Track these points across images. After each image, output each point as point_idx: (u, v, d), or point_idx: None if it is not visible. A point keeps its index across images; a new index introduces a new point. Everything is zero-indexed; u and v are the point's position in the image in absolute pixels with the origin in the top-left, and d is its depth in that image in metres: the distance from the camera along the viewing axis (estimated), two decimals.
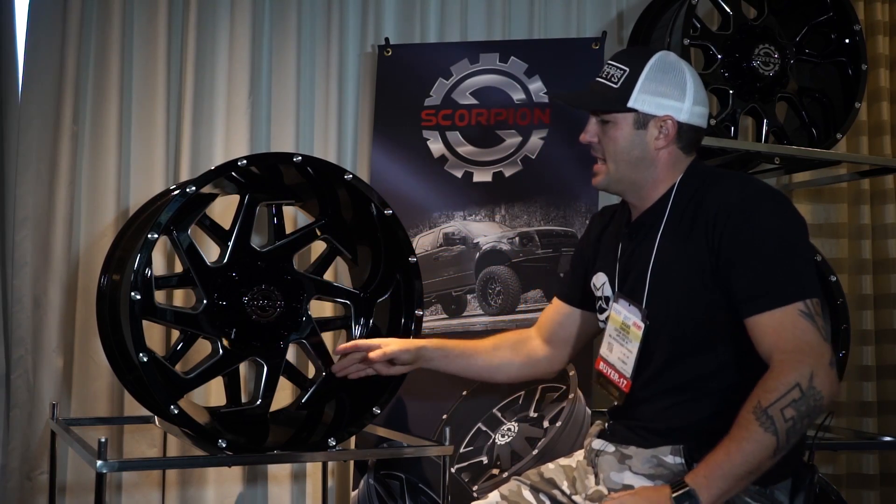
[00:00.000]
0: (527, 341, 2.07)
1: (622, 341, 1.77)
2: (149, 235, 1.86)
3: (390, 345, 2.00)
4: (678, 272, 1.70)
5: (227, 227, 2.05)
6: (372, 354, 1.98)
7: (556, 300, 2.06)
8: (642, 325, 1.72)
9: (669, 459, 1.67)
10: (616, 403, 1.80)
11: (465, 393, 2.58)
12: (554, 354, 2.06)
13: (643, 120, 1.76)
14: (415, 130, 2.73)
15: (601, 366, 1.83)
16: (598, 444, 1.81)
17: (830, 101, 2.78)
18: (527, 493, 1.83)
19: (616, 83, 1.76)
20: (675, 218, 1.74)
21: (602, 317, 1.89)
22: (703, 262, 1.67)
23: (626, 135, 1.77)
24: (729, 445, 1.54)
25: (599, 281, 1.88)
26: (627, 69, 1.76)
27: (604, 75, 1.79)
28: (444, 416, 2.56)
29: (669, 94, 1.75)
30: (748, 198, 1.67)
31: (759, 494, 1.65)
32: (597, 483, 1.78)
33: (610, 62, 1.80)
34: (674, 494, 1.53)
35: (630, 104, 1.75)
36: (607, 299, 1.85)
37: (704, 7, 2.79)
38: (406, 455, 2.35)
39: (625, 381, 1.76)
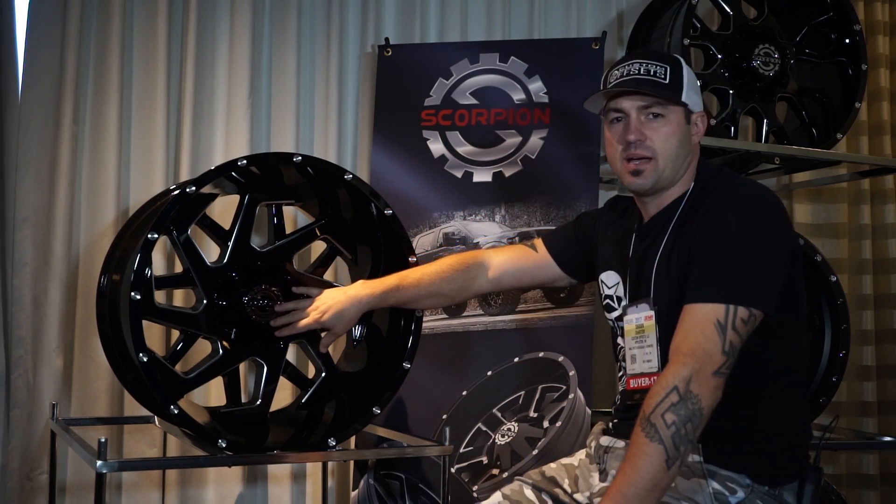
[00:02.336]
0: (475, 278, 2.06)
1: (641, 344, 1.76)
2: (149, 235, 1.86)
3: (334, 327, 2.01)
4: (675, 267, 1.71)
5: (227, 227, 2.05)
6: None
7: (542, 250, 2.06)
8: (652, 313, 1.73)
9: (688, 457, 1.65)
10: (628, 402, 1.78)
11: (464, 393, 2.58)
12: (485, 289, 2.09)
13: (688, 115, 1.77)
14: (415, 130, 2.73)
15: (632, 383, 1.78)
16: (605, 440, 1.81)
17: (830, 101, 2.78)
18: (529, 493, 1.83)
19: (664, 79, 1.74)
20: (682, 219, 1.75)
21: (611, 315, 1.89)
22: (686, 257, 1.69)
23: (679, 130, 1.76)
24: (625, 466, 1.53)
25: (611, 280, 1.88)
26: (667, 66, 1.75)
27: (645, 72, 1.75)
28: (444, 416, 2.56)
29: (698, 90, 1.78)
30: (731, 200, 1.67)
31: (769, 496, 1.65)
32: (603, 480, 1.78)
33: (643, 61, 1.76)
34: None
35: (683, 98, 1.75)
36: (619, 299, 1.85)
37: (704, 7, 2.79)
38: (406, 455, 2.35)
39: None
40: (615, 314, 1.87)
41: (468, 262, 2.06)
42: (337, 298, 2.00)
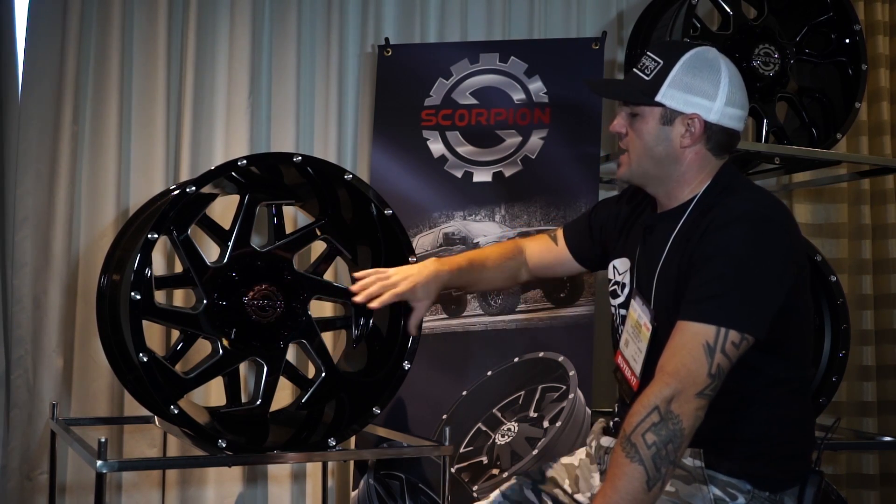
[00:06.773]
0: (520, 268, 2.11)
1: (635, 339, 1.76)
2: (149, 235, 1.86)
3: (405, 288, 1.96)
4: (677, 279, 1.68)
5: (227, 227, 2.05)
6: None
7: (561, 243, 2.07)
8: (650, 328, 1.71)
9: (689, 462, 1.65)
10: (626, 400, 1.78)
11: (464, 393, 2.58)
12: (524, 279, 2.15)
13: (670, 116, 1.70)
14: (415, 130, 2.73)
15: (619, 359, 1.82)
16: (606, 441, 1.80)
17: (830, 101, 2.78)
18: (528, 493, 1.83)
19: (648, 75, 1.71)
20: (688, 225, 1.71)
21: (614, 302, 1.88)
22: (685, 271, 1.66)
23: (652, 129, 1.72)
24: (605, 486, 1.52)
25: (622, 267, 1.86)
26: (661, 62, 1.70)
27: (639, 66, 1.74)
28: (444, 416, 2.56)
29: (701, 91, 1.69)
30: (734, 216, 1.63)
31: (769, 501, 1.65)
32: (603, 481, 1.77)
33: (647, 53, 1.74)
34: None
35: (658, 98, 1.69)
36: (623, 286, 1.84)
37: (704, 7, 2.79)
38: (406, 455, 2.35)
39: (635, 380, 1.75)
40: (619, 301, 1.86)
41: (514, 252, 2.10)
42: (420, 272, 1.97)
